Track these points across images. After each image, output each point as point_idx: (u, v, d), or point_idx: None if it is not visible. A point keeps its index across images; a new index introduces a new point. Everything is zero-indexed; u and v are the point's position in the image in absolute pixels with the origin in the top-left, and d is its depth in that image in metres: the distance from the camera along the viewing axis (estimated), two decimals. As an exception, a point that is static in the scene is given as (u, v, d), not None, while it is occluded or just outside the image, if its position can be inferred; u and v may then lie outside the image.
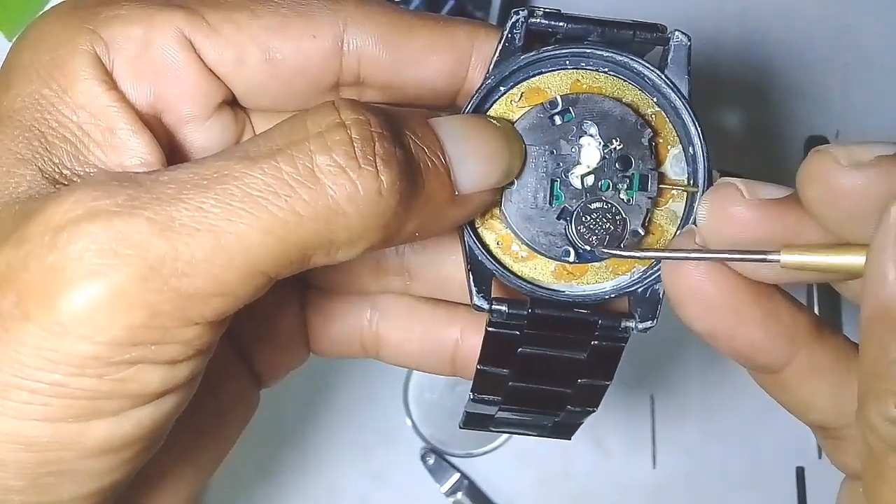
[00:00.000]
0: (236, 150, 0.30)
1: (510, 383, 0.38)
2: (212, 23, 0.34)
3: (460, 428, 0.43)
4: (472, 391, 0.39)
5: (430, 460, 0.69)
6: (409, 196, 0.31)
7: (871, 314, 0.27)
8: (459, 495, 0.69)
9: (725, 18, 0.72)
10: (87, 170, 0.32)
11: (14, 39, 0.34)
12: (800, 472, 0.69)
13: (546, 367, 0.37)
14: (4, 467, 0.29)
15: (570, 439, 0.43)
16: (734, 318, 0.34)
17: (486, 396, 0.39)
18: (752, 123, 0.72)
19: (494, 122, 0.35)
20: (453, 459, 0.69)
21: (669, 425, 0.70)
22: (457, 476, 0.69)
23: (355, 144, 0.30)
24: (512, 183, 0.36)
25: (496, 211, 0.37)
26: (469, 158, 0.33)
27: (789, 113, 0.72)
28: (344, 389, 0.69)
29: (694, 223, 0.35)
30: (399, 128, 0.32)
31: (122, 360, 0.28)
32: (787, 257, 0.30)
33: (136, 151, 0.33)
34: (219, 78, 0.35)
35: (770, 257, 0.30)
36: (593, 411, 0.39)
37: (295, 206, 0.29)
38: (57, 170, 0.32)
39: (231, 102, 0.37)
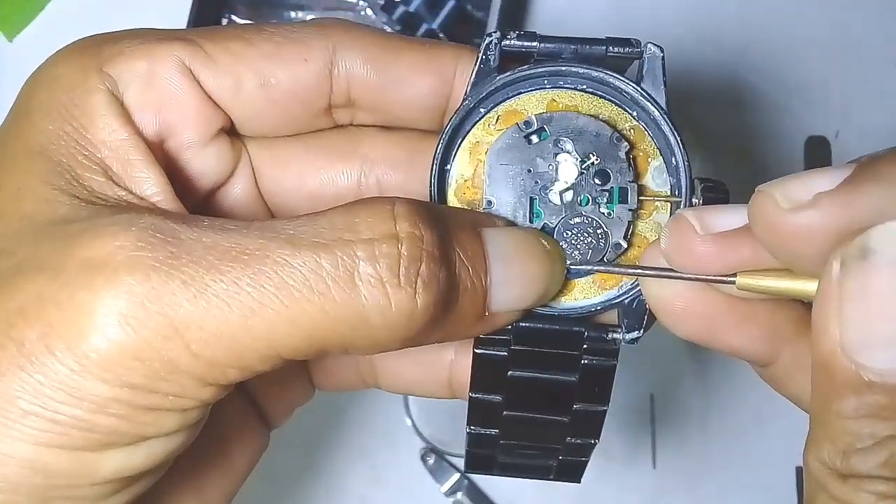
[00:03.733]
0: (282, 230, 0.30)
1: (505, 412, 0.38)
2: (209, 52, 0.36)
3: (465, 471, 0.42)
4: (468, 424, 0.39)
5: (430, 460, 0.69)
6: (440, 317, 0.31)
7: (816, 363, 0.28)
8: (459, 495, 0.69)
9: (726, 19, 0.72)
10: (119, 194, 0.33)
11: (26, 81, 0.36)
12: (800, 473, 0.69)
13: (538, 391, 0.37)
14: (16, 491, 0.29)
15: (579, 482, 0.42)
16: (709, 325, 0.34)
17: (482, 430, 0.39)
18: (752, 124, 0.72)
19: (545, 242, 0.35)
20: (453, 459, 0.70)
21: (669, 426, 0.70)
22: (457, 476, 0.69)
23: (402, 262, 0.30)
24: (490, 203, 0.37)
25: None
26: (510, 282, 0.34)
27: (789, 113, 0.72)
28: (344, 390, 0.70)
29: None
30: (450, 243, 0.32)
31: (140, 404, 0.29)
32: (742, 281, 0.31)
33: (150, 182, 0.34)
34: (218, 105, 0.37)
35: (727, 280, 0.32)
36: (595, 443, 0.39)
37: (325, 304, 0.29)
38: (90, 197, 0.33)
39: (229, 131, 0.38)
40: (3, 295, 0.29)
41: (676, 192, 0.37)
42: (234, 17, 0.70)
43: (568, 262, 0.36)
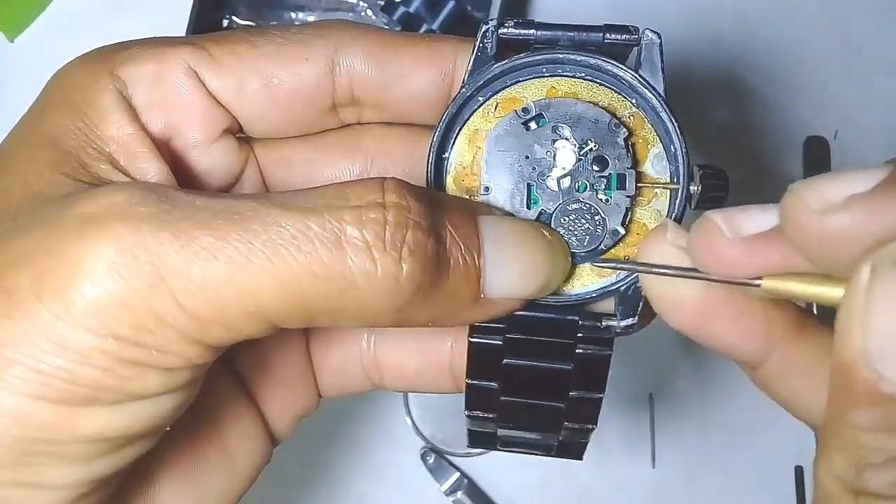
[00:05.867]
0: (274, 197, 0.31)
1: (501, 398, 0.38)
2: (215, 55, 0.37)
3: (468, 447, 0.42)
4: (466, 408, 0.39)
5: (430, 459, 0.69)
6: (429, 289, 0.31)
7: (836, 368, 0.27)
8: (459, 494, 0.69)
9: (725, 19, 0.73)
10: (122, 180, 0.35)
11: (44, 85, 0.37)
12: (799, 472, 0.69)
13: (534, 379, 0.37)
14: None
15: (581, 459, 0.41)
16: (704, 316, 0.34)
17: (479, 413, 0.39)
18: (752, 123, 0.73)
19: (546, 233, 0.36)
20: (453, 458, 0.70)
21: (669, 425, 0.70)
22: (456, 475, 0.69)
23: (388, 227, 0.30)
24: (488, 189, 0.37)
25: None
26: (506, 266, 0.34)
27: (788, 113, 0.72)
28: (344, 389, 0.70)
29: (676, 220, 0.36)
30: (440, 219, 0.32)
31: (125, 357, 0.29)
32: (768, 284, 0.30)
33: (154, 172, 0.35)
34: (223, 106, 0.38)
35: (753, 283, 0.31)
36: (593, 428, 0.38)
37: (312, 264, 0.29)
38: (95, 181, 0.34)
39: (236, 133, 0.39)
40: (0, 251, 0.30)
41: (675, 179, 0.37)
42: (234, 18, 0.70)
43: (584, 257, 0.36)
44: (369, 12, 0.71)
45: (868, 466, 0.26)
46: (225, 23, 0.70)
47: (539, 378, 0.37)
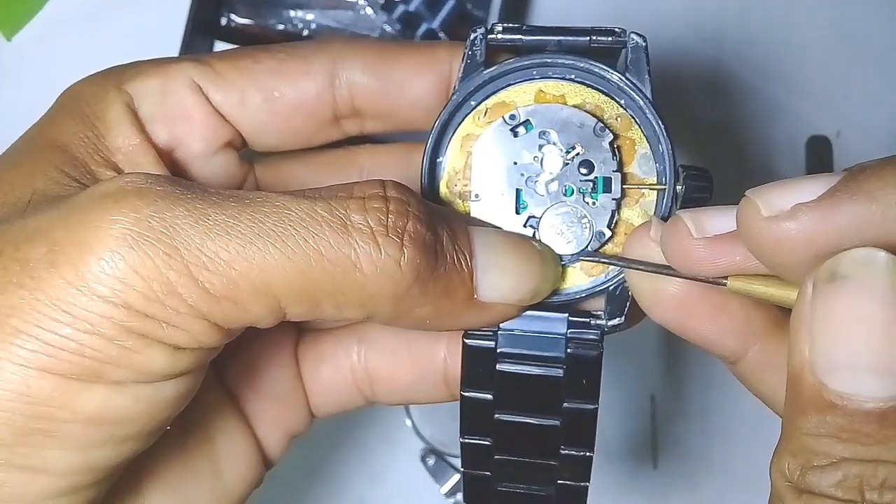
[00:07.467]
0: (281, 191, 0.33)
1: (496, 415, 0.38)
2: (218, 70, 0.40)
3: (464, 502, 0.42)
4: (461, 433, 0.39)
5: (430, 461, 0.69)
6: (427, 278, 0.33)
7: (788, 377, 0.29)
8: (460, 496, 0.69)
9: (727, 18, 0.72)
10: None
11: (56, 100, 0.39)
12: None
13: (527, 388, 0.37)
14: None
15: None
16: (684, 312, 0.35)
17: (476, 439, 0.39)
18: (754, 123, 0.72)
19: (536, 244, 0.37)
20: (453, 460, 0.69)
21: (670, 426, 0.70)
22: (457, 477, 0.69)
23: (389, 216, 0.32)
24: (478, 196, 0.38)
25: None
26: (496, 269, 0.35)
27: (790, 113, 0.72)
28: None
29: (662, 218, 0.37)
30: (437, 220, 0.34)
31: (133, 328, 0.30)
32: (733, 284, 0.32)
33: None
34: (226, 119, 0.40)
35: (720, 282, 0.32)
36: (590, 455, 0.38)
37: (319, 244, 0.31)
38: None
39: (239, 148, 0.41)
40: (14, 232, 0.31)
41: (662, 180, 0.38)
42: (233, 17, 0.70)
43: (569, 254, 0.37)
44: (369, 10, 0.70)
45: (812, 469, 0.27)
46: (223, 21, 0.70)
47: (532, 386, 0.37)
